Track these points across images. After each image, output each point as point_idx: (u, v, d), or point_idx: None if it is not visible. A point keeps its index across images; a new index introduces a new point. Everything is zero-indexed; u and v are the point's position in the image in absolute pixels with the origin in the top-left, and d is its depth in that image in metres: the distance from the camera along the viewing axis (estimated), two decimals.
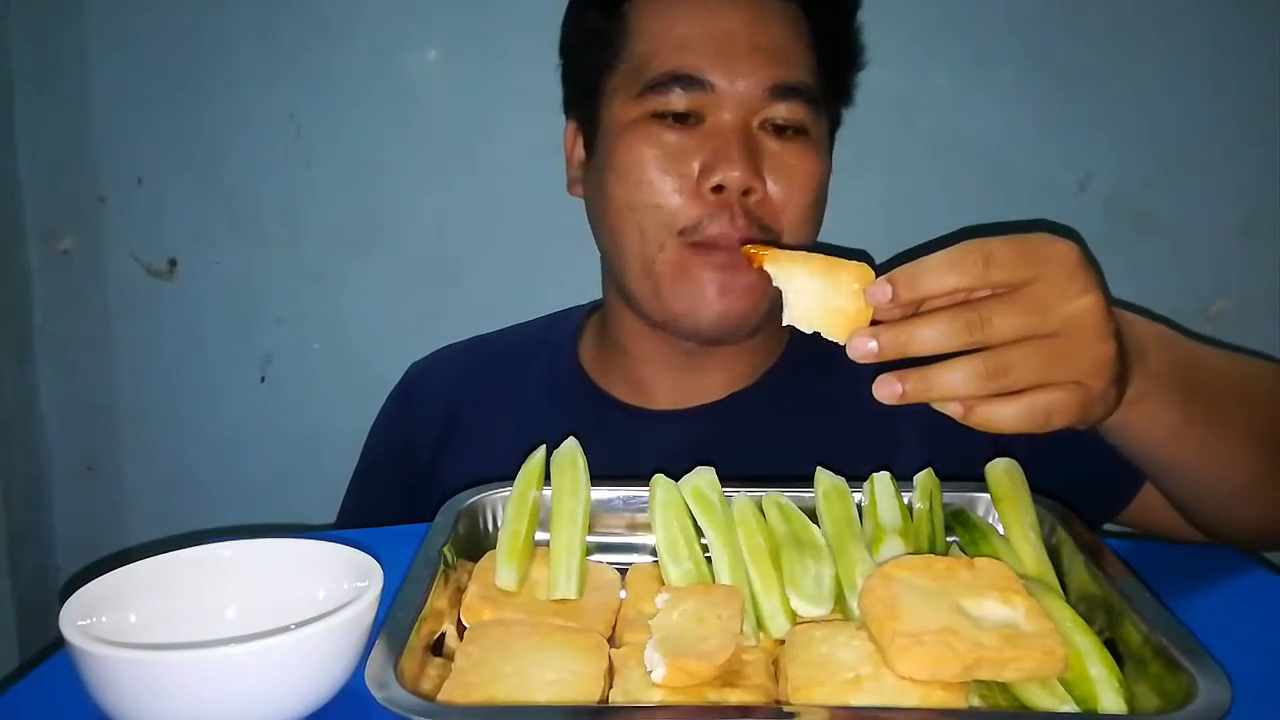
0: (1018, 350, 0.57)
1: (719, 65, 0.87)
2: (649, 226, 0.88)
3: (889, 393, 0.58)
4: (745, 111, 0.87)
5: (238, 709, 0.52)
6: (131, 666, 0.50)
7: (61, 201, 1.31)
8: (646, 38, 0.90)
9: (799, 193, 0.88)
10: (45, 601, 1.33)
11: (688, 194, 0.86)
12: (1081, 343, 0.59)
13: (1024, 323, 0.57)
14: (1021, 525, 0.66)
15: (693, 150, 0.87)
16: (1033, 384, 0.58)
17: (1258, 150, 1.26)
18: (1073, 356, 0.58)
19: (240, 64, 1.28)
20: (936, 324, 0.57)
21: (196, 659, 0.50)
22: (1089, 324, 0.59)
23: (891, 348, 0.58)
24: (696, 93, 0.87)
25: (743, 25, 0.88)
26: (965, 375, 0.57)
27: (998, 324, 0.57)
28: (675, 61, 0.88)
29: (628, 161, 0.88)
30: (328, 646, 0.53)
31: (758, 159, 0.86)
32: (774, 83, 0.87)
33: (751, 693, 0.53)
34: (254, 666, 0.51)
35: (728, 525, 0.65)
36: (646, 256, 0.88)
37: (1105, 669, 0.53)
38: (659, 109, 0.88)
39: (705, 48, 0.87)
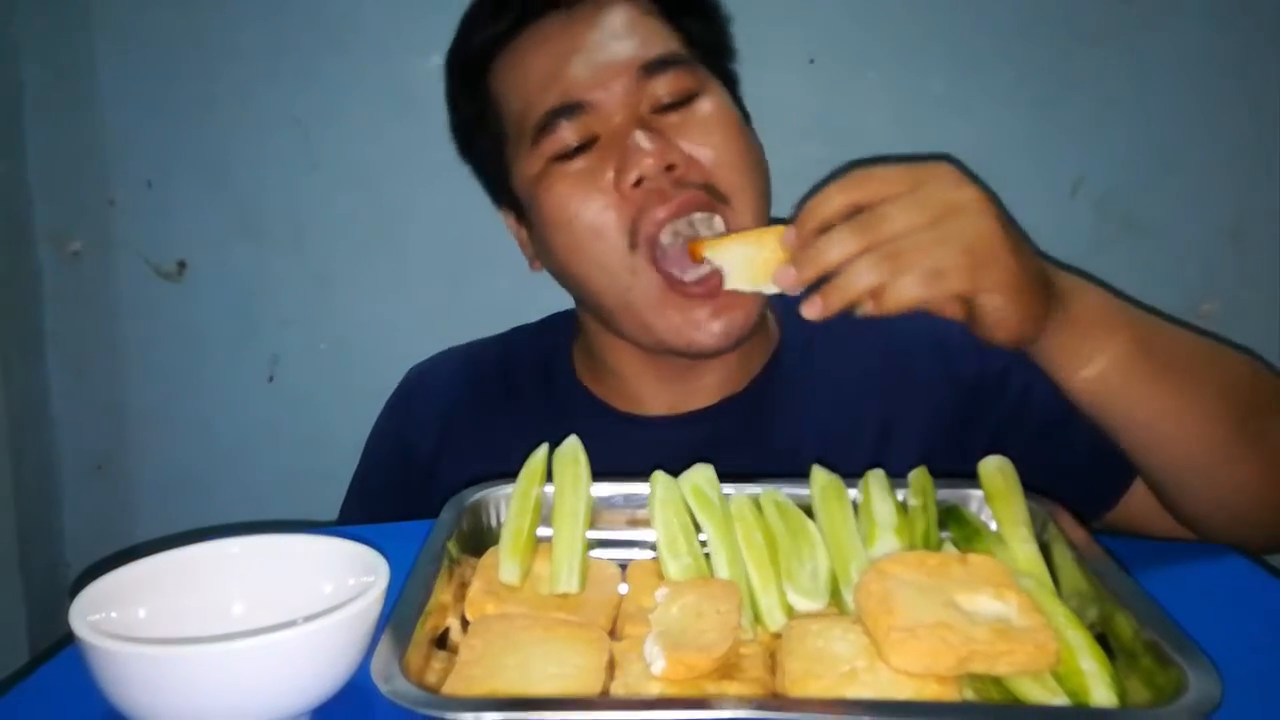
0: (908, 237, 0.65)
1: (585, 79, 0.87)
2: (604, 258, 0.87)
3: (814, 310, 0.67)
4: (629, 106, 0.87)
5: (246, 703, 0.53)
6: (140, 661, 0.51)
7: (71, 204, 1.33)
8: (514, 96, 0.91)
9: (721, 140, 0.88)
10: (55, 598, 1.34)
11: (612, 205, 0.86)
12: (965, 220, 0.66)
13: (911, 215, 0.65)
14: (1014, 522, 0.66)
15: (600, 166, 0.86)
16: (924, 259, 0.65)
17: (1247, 154, 1.27)
18: (958, 232, 0.65)
19: (247, 69, 1.29)
20: (835, 233, 0.66)
21: (205, 654, 0.51)
22: (970, 206, 0.66)
23: (807, 265, 0.67)
24: (578, 116, 0.87)
25: (587, 34, 0.89)
26: (865, 265, 0.65)
27: (888, 220, 0.65)
28: (549, 98, 0.88)
29: (551, 208, 0.88)
30: (334, 641, 0.54)
31: (662, 136, 0.86)
32: (641, 63, 0.87)
33: (749, 685, 0.54)
34: (262, 661, 0.52)
35: (726, 521, 0.66)
36: (620, 291, 0.88)
37: (1097, 663, 0.53)
38: (555, 150, 0.88)
39: (567, 72, 0.88)
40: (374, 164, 1.32)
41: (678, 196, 0.84)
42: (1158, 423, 0.75)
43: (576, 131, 0.87)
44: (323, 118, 1.31)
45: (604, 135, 0.87)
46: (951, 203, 0.66)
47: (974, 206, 0.66)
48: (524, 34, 0.91)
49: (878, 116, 1.29)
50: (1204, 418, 0.75)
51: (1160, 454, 0.78)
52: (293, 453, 1.38)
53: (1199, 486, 0.79)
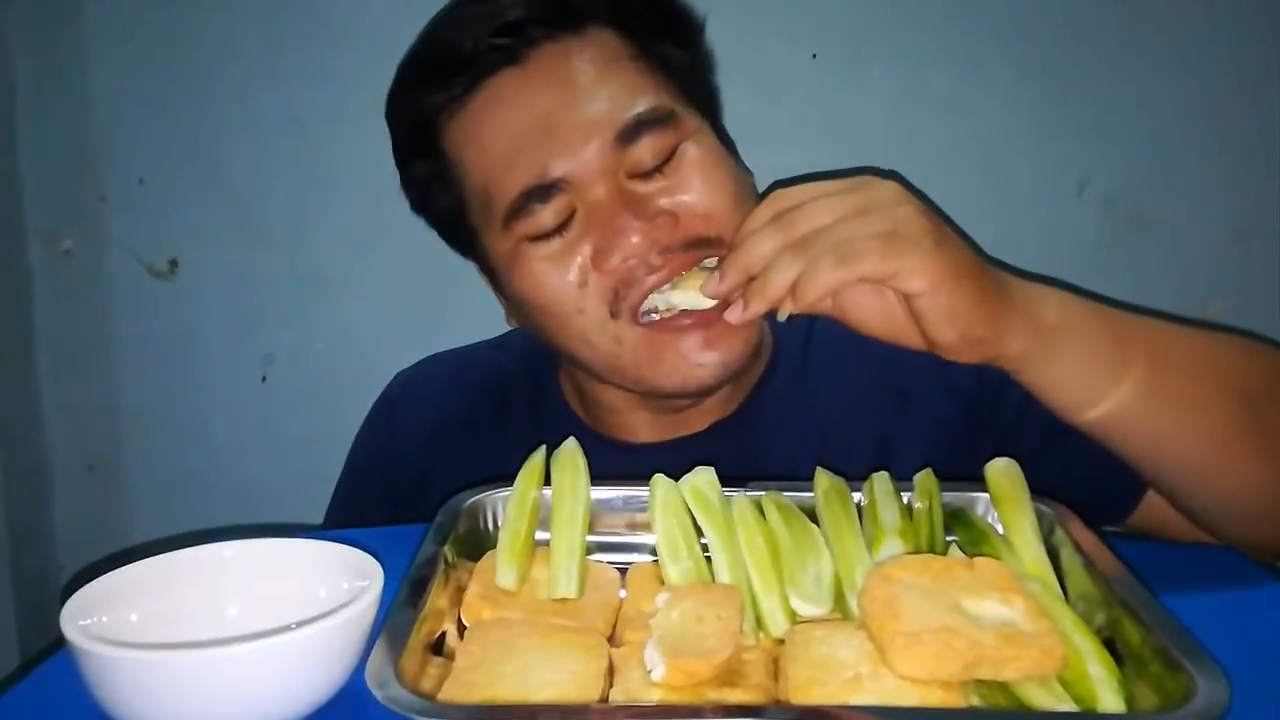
0: (827, 230, 0.65)
1: (556, 152, 0.80)
2: (587, 333, 0.83)
3: (735, 315, 0.68)
4: (606, 174, 0.81)
5: (239, 708, 0.52)
6: (132, 666, 0.50)
7: (63, 201, 1.32)
8: (475, 168, 0.85)
9: (708, 189, 0.83)
10: (46, 601, 1.33)
11: (589, 282, 0.81)
12: (884, 209, 0.65)
13: (830, 210, 0.65)
14: (1021, 525, 0.66)
15: (579, 243, 0.82)
16: (838, 244, 0.64)
17: (1254, 152, 1.27)
18: (871, 215, 0.65)
19: (242, 65, 1.29)
20: (754, 235, 0.67)
21: (198, 658, 0.50)
22: (883, 195, 0.66)
23: (729, 269, 0.68)
24: (556, 194, 0.81)
25: (550, 95, 0.81)
26: (781, 260, 0.65)
27: (805, 216, 0.66)
28: (518, 177, 0.81)
29: (527, 288, 0.84)
30: (328, 646, 0.53)
31: (644, 206, 0.81)
32: (617, 128, 0.81)
33: (751, 692, 0.53)
34: (255, 666, 0.51)
35: (727, 525, 0.65)
36: (608, 358, 0.84)
37: (1104, 668, 0.53)
38: (531, 233, 0.82)
39: (536, 144, 0.81)
40: (370, 162, 1.31)
41: (668, 265, 0.81)
42: (1164, 439, 0.74)
43: (553, 212, 0.81)
44: (318, 116, 1.30)
45: (581, 209, 0.82)
46: (869, 195, 0.66)
47: (895, 198, 0.66)
48: (478, 93, 0.83)
49: (880, 114, 1.28)
50: (1208, 423, 0.74)
51: (1166, 463, 0.76)
52: (286, 453, 1.37)
53: (1205, 486, 0.77)
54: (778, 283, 0.65)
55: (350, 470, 1.07)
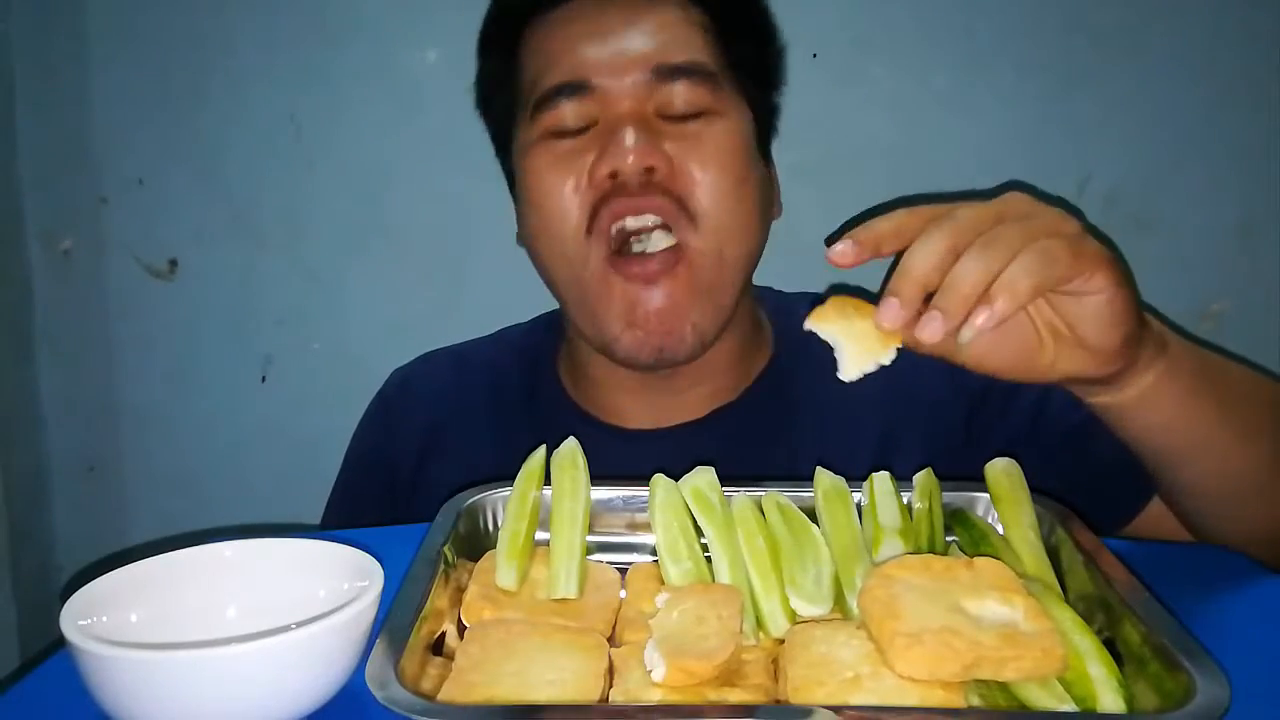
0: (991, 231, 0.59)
1: (596, 63, 0.86)
2: (562, 241, 0.86)
3: (932, 329, 0.57)
4: (635, 101, 0.86)
5: (238, 708, 0.52)
6: (132, 666, 0.50)
7: (62, 202, 1.32)
8: (531, 64, 0.90)
9: (712, 166, 0.85)
10: (46, 601, 1.33)
11: (581, 189, 0.85)
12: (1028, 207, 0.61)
13: (978, 211, 0.60)
14: (1021, 525, 0.66)
15: (586, 150, 0.85)
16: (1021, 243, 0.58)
17: (1256, 151, 1.27)
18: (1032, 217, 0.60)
19: (241, 64, 1.29)
20: (921, 244, 0.58)
21: (197, 659, 0.50)
22: (1026, 200, 0.62)
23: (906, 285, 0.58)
24: (582, 97, 0.86)
25: (620, 21, 0.87)
26: (967, 261, 0.57)
27: (964, 221, 0.59)
28: (558, 73, 0.87)
29: (529, 182, 0.88)
30: (328, 646, 0.53)
31: (655, 139, 0.84)
32: (657, 64, 0.86)
33: (751, 692, 0.53)
34: (255, 666, 0.51)
35: (727, 525, 0.65)
36: (575, 277, 0.87)
37: (1104, 668, 0.53)
38: (552, 126, 0.87)
39: (584, 51, 0.87)
40: (369, 162, 1.31)
41: (643, 197, 0.83)
42: (1198, 444, 0.73)
43: (576, 112, 0.86)
44: (317, 115, 1.30)
45: (602, 122, 0.86)
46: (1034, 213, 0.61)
47: (1032, 203, 0.62)
48: (562, 7, 0.90)
49: (881, 113, 1.28)
50: (1241, 444, 0.74)
51: (1193, 478, 0.76)
52: (286, 453, 1.37)
53: (1225, 509, 0.78)
54: (967, 284, 0.57)
55: (347, 468, 1.07)
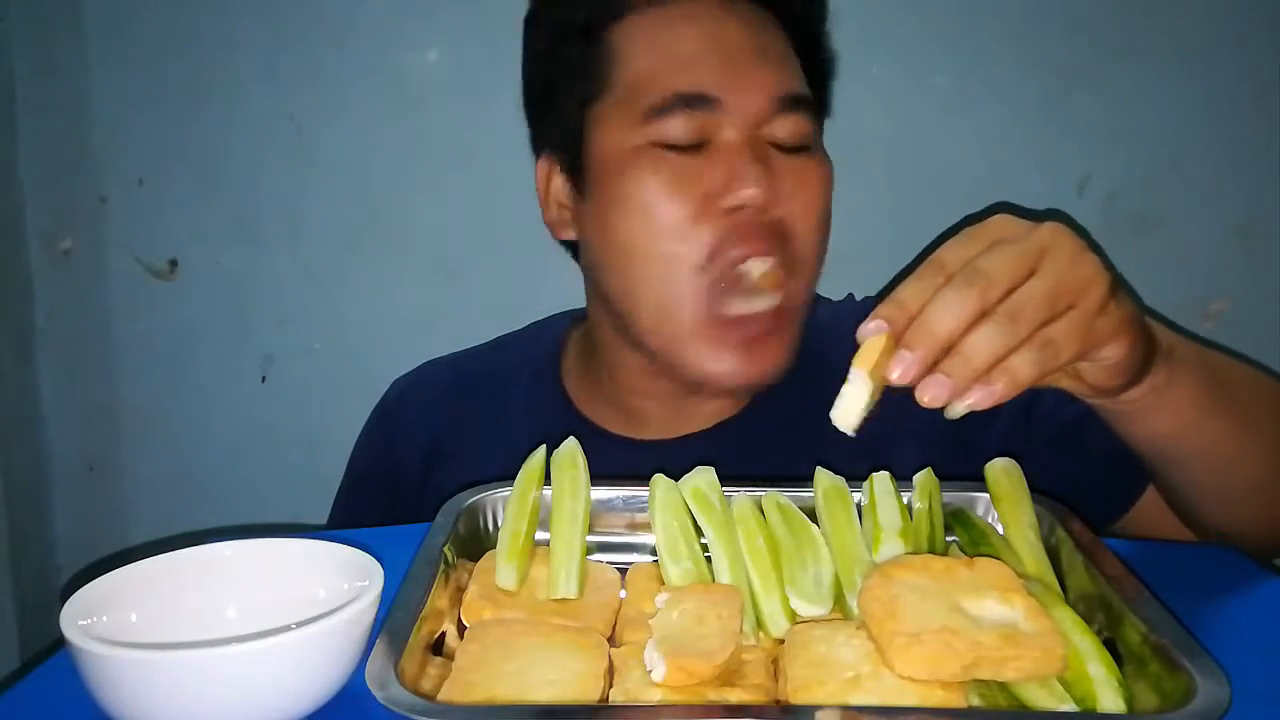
0: (1022, 290, 0.56)
1: (726, 79, 0.82)
2: (667, 266, 0.82)
3: (935, 393, 0.56)
4: (751, 127, 0.83)
5: (238, 709, 0.52)
6: (132, 666, 0.50)
7: (63, 202, 1.32)
8: (642, 60, 0.85)
9: (814, 211, 0.85)
10: (46, 601, 1.33)
11: (703, 219, 0.81)
12: (1059, 259, 0.57)
13: (1012, 261, 0.56)
14: (1020, 525, 0.66)
15: (703, 173, 0.82)
16: (1041, 321, 0.56)
17: (1256, 151, 1.27)
18: (1062, 280, 0.57)
19: (241, 65, 1.29)
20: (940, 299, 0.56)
21: (197, 659, 0.50)
22: (1057, 243, 0.58)
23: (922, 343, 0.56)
24: (703, 112, 0.82)
25: (745, 36, 0.84)
26: (987, 332, 0.55)
27: (990, 266, 0.56)
28: (680, 81, 0.82)
29: (635, 193, 0.83)
30: (328, 646, 0.53)
31: (774, 176, 0.82)
32: (782, 93, 0.84)
33: (751, 692, 0.53)
34: (255, 666, 0.51)
35: (727, 525, 0.65)
36: (664, 305, 0.83)
37: (1104, 668, 0.53)
38: (663, 137, 0.82)
39: (710, 62, 0.83)
40: (370, 162, 1.31)
41: (765, 239, 0.81)
42: (1201, 449, 0.73)
43: (691, 125, 0.82)
44: (318, 115, 1.30)
45: (715, 143, 0.82)
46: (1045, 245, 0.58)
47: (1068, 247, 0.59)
48: (675, 3, 0.86)
49: (881, 112, 1.28)
50: (1243, 446, 0.74)
51: (1194, 480, 0.77)
52: (286, 454, 1.37)
53: (1224, 508, 0.78)
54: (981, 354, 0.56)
55: (350, 481, 1.07)
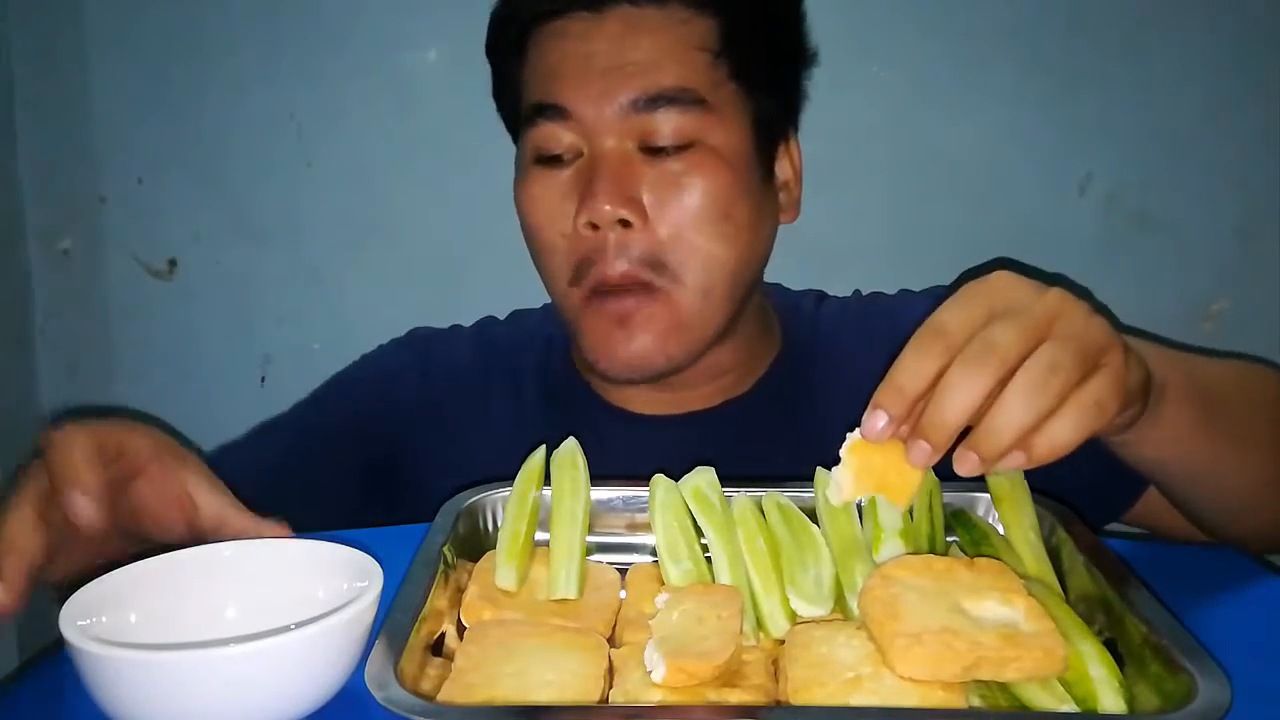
0: (1043, 354, 0.53)
1: (575, 89, 0.84)
2: (549, 272, 0.89)
3: (970, 467, 0.54)
4: (616, 135, 0.84)
5: (238, 709, 0.52)
6: (132, 666, 0.50)
7: (62, 201, 1.32)
8: (526, 74, 0.90)
9: (692, 210, 0.83)
10: (44, 603, 1.33)
11: (569, 236, 0.85)
12: (1073, 324, 0.55)
13: (1019, 330, 0.54)
14: (1021, 526, 0.66)
15: (572, 190, 0.85)
16: (1074, 379, 0.54)
17: (1257, 150, 1.27)
18: (1084, 343, 0.55)
19: (241, 64, 1.29)
20: (953, 383, 0.53)
21: (197, 659, 0.50)
22: (1066, 305, 0.56)
23: (936, 436, 0.54)
24: (560, 122, 0.85)
25: (604, 46, 0.85)
26: (1019, 398, 0.53)
27: (1001, 340, 0.53)
28: (539, 93, 0.87)
29: (522, 208, 0.89)
30: (328, 646, 0.53)
31: (631, 185, 0.83)
32: (639, 95, 0.83)
33: (751, 693, 0.53)
34: (255, 666, 0.51)
35: (727, 525, 0.65)
36: (558, 299, 0.90)
37: (1105, 669, 0.53)
38: (538, 149, 0.87)
39: (564, 74, 0.85)
40: (369, 162, 1.31)
41: (619, 268, 0.83)
42: (1199, 468, 0.73)
43: (558, 138, 0.85)
44: (317, 115, 1.30)
45: (589, 154, 0.85)
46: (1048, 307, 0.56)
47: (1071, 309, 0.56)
48: (555, 20, 0.88)
49: (881, 113, 1.28)
50: (1243, 458, 0.74)
51: (1195, 494, 0.77)
52: None
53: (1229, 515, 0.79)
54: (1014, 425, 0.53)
55: (333, 390, 1.06)
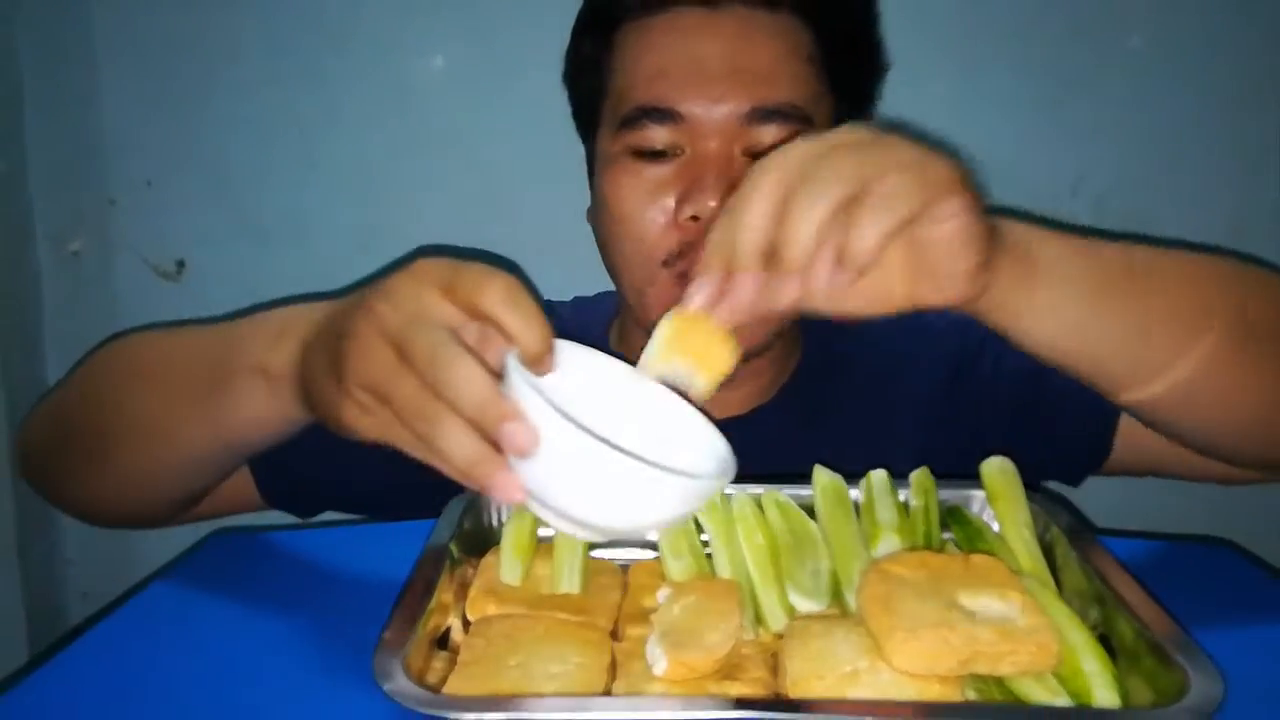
0: (831, 167, 0.55)
1: (691, 94, 0.84)
2: (635, 260, 0.88)
3: (788, 294, 0.56)
4: (724, 139, 0.84)
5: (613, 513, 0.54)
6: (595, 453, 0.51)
7: (71, 203, 1.32)
8: (625, 69, 0.89)
9: None
10: (55, 597, 1.34)
11: (667, 226, 0.85)
12: (896, 145, 0.57)
13: (826, 149, 0.56)
14: (1015, 522, 0.67)
15: (672, 183, 0.85)
16: (870, 177, 0.55)
17: (1250, 152, 1.27)
18: (894, 152, 0.56)
19: (247, 68, 1.29)
20: (744, 204, 0.56)
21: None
22: (897, 140, 0.57)
23: (715, 261, 0.56)
24: (670, 125, 0.84)
25: (720, 48, 0.85)
26: (805, 203, 0.54)
27: (797, 158, 0.55)
28: (647, 94, 0.85)
29: (611, 196, 0.88)
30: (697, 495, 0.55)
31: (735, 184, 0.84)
32: (753, 106, 0.84)
33: (751, 686, 0.54)
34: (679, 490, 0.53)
35: (727, 522, 0.66)
36: (638, 289, 0.89)
37: (1099, 664, 0.53)
38: (637, 145, 0.86)
39: (677, 77, 0.85)
40: (374, 165, 1.32)
41: None
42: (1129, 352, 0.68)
43: (662, 137, 0.85)
44: (324, 117, 1.30)
45: (690, 152, 0.85)
46: (876, 143, 0.57)
47: (902, 140, 0.57)
48: (664, 14, 0.87)
49: (875, 115, 1.28)
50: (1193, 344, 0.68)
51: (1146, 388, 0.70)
52: None
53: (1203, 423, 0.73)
54: (810, 242, 0.54)
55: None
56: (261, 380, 0.70)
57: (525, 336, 0.55)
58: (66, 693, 0.59)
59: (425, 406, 0.54)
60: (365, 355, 0.56)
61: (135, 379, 0.83)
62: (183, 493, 0.87)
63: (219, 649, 0.64)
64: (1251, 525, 1.18)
